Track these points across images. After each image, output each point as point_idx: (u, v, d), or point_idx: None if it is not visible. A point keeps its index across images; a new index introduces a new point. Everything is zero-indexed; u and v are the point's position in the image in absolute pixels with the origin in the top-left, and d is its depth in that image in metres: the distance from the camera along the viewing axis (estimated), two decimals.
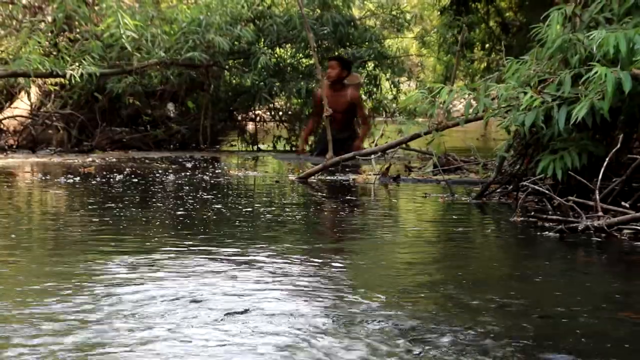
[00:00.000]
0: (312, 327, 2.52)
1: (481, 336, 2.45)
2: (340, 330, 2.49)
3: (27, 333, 2.41)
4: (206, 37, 10.71)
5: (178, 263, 3.48)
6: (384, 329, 2.50)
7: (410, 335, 2.44)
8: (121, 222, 4.77)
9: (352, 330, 2.49)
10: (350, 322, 2.58)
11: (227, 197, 6.11)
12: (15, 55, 10.24)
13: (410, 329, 2.51)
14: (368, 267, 3.56)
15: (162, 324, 2.52)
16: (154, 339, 2.37)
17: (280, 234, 4.48)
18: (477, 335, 2.46)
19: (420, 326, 2.55)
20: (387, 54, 12.60)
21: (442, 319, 2.64)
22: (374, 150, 7.63)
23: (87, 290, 2.95)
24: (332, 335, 2.44)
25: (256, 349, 2.29)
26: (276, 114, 13.14)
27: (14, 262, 3.52)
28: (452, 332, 2.48)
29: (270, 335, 2.42)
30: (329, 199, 6.40)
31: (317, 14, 11.87)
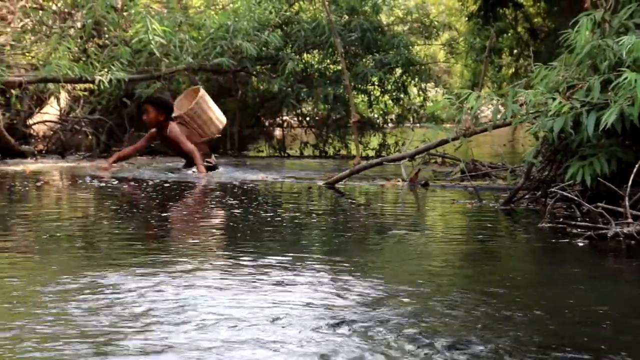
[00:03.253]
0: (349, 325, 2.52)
1: (507, 341, 2.44)
2: (369, 334, 2.48)
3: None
4: (234, 43, 10.73)
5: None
6: (411, 335, 2.49)
7: (441, 341, 2.43)
8: (161, 228, 4.79)
9: (380, 334, 2.48)
10: (379, 325, 2.57)
11: (254, 202, 6.12)
12: (45, 61, 10.31)
13: (439, 334, 2.49)
14: (395, 273, 3.54)
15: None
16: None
17: (308, 239, 4.47)
18: (503, 340, 2.44)
19: (450, 332, 2.53)
20: (414, 60, 12.57)
21: (470, 325, 2.62)
22: (402, 155, 7.61)
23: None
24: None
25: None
26: (303, 120, 13.15)
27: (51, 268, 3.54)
28: (482, 338, 2.47)
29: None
30: (357, 205, 6.39)
31: (345, 20, 11.87)
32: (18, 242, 4.27)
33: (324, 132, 12.64)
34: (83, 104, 11.41)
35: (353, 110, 8.86)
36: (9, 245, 4.13)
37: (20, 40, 11.13)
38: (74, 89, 11.35)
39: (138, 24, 10.29)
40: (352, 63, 11.86)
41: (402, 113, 13.08)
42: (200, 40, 10.99)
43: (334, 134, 12.56)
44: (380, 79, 12.20)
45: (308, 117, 13.09)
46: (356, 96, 12.28)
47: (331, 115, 12.35)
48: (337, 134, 12.51)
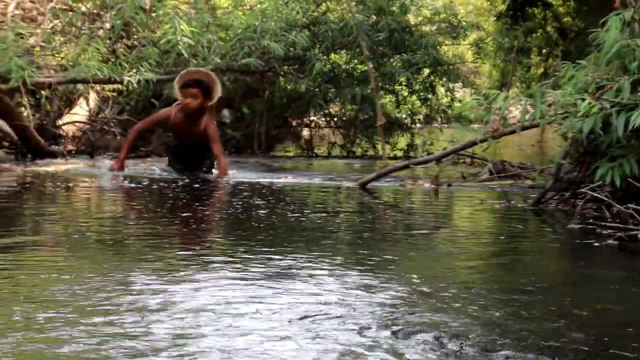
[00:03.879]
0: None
1: (534, 343, 2.42)
2: (395, 335, 2.48)
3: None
4: (261, 43, 10.75)
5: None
6: (437, 335, 2.48)
7: (467, 342, 2.42)
8: (193, 227, 4.81)
9: (405, 334, 2.48)
10: (404, 326, 2.56)
11: (281, 202, 6.13)
12: (74, 61, 10.37)
13: (465, 335, 2.49)
14: (422, 273, 3.53)
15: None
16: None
17: (335, 239, 4.47)
18: (529, 342, 2.43)
19: (476, 333, 2.52)
20: (442, 60, 12.54)
21: (497, 326, 2.61)
22: (430, 158, 7.59)
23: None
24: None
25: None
26: (331, 120, 13.15)
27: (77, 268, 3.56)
28: (508, 340, 2.45)
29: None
30: (384, 206, 6.38)
31: (373, 20, 11.85)
32: (50, 241, 4.30)
33: (351, 133, 12.63)
34: (112, 104, 11.48)
35: (380, 111, 8.84)
36: (40, 244, 4.17)
37: (50, 42, 11.21)
38: (102, 90, 11.43)
39: (166, 25, 10.34)
40: (379, 63, 11.84)
41: (430, 113, 13.05)
42: (228, 41, 11.02)
43: (361, 135, 12.55)
44: (408, 79, 12.18)
45: (335, 118, 13.08)
46: (384, 96, 12.27)
47: (359, 115, 12.34)
48: (364, 134, 12.50)
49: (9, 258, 3.67)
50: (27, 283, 3.17)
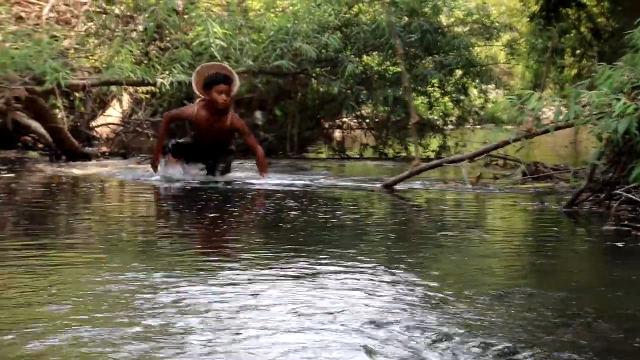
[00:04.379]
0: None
1: (566, 346, 2.40)
2: (424, 337, 2.46)
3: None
4: (294, 46, 10.77)
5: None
6: (468, 338, 2.47)
7: (499, 344, 2.40)
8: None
9: (434, 336, 2.46)
10: (440, 330, 2.55)
11: (313, 204, 6.13)
12: (108, 64, 10.46)
13: (497, 337, 2.47)
14: (454, 275, 3.51)
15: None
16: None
17: (367, 240, 4.46)
18: (560, 345, 2.41)
19: (507, 335, 2.50)
20: (475, 62, 12.49)
21: (528, 328, 2.59)
22: (462, 157, 7.56)
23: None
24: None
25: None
26: (363, 122, 13.14)
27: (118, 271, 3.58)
28: (539, 342, 2.43)
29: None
30: (417, 207, 6.36)
31: (405, 22, 11.83)
32: (87, 241, 4.33)
33: (383, 134, 12.62)
34: (145, 106, 11.56)
35: (413, 112, 8.81)
36: (77, 245, 4.20)
37: (84, 44, 11.31)
38: (136, 92, 11.52)
39: (199, 27, 10.39)
40: (412, 65, 11.82)
41: (463, 115, 13.01)
42: (261, 43, 11.05)
43: (393, 136, 12.53)
44: (441, 81, 12.15)
45: (368, 119, 13.08)
46: (416, 98, 12.24)
47: (391, 117, 12.33)
48: (397, 136, 12.48)
49: (49, 257, 3.70)
50: (70, 282, 3.19)
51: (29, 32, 10.36)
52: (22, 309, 2.76)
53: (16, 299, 2.89)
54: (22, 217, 5.32)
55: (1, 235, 4.52)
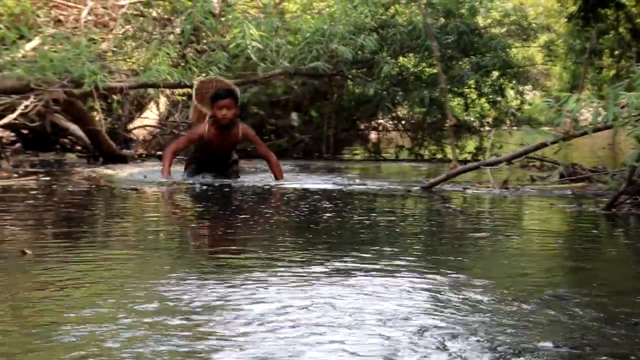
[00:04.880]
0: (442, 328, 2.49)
1: (602, 352, 2.38)
2: (457, 340, 2.45)
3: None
4: (330, 47, 10.77)
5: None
6: (501, 341, 2.45)
7: (532, 347, 2.38)
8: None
9: (469, 339, 2.45)
10: (479, 332, 2.54)
11: (348, 205, 6.12)
12: (145, 66, 10.53)
13: (530, 340, 2.45)
14: (490, 277, 3.49)
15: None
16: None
17: (403, 242, 4.45)
18: (597, 351, 2.38)
19: (540, 338, 2.48)
20: (512, 62, 12.42)
21: (562, 332, 2.56)
22: (500, 159, 7.52)
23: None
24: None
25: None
26: (399, 123, 13.12)
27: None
28: (574, 347, 2.41)
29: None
30: (453, 209, 6.33)
31: (442, 23, 11.79)
32: (124, 242, 4.37)
33: (419, 136, 12.59)
34: (181, 108, 11.62)
35: (449, 114, 8.77)
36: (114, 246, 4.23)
37: (122, 47, 11.39)
38: (172, 94, 11.58)
39: (235, 29, 10.43)
40: (448, 66, 11.78)
41: (499, 116, 12.94)
42: (297, 45, 11.07)
43: (429, 138, 12.50)
44: (477, 82, 12.09)
45: (404, 121, 13.06)
46: (452, 99, 12.20)
47: (427, 118, 12.29)
48: (432, 137, 12.45)
49: (88, 256, 3.74)
50: (112, 282, 3.22)
51: (67, 35, 10.45)
52: (70, 307, 2.78)
53: (60, 298, 2.92)
54: (56, 218, 5.38)
55: (41, 235, 4.57)
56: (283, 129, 12.38)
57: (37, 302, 2.86)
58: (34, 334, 2.44)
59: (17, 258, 3.70)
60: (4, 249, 4.01)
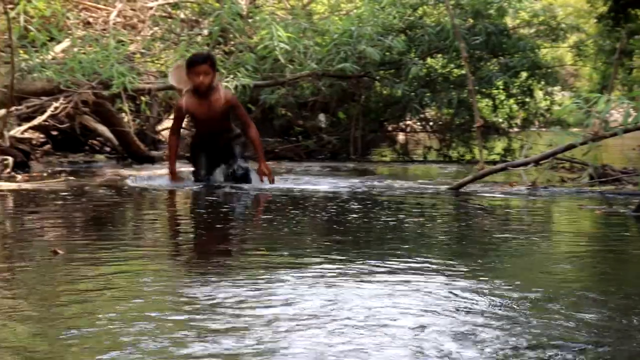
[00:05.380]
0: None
1: (633, 354, 2.35)
2: (484, 343, 2.43)
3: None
4: (357, 48, 10.75)
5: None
6: (531, 345, 2.43)
7: (562, 351, 2.36)
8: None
9: (498, 342, 2.43)
10: (509, 336, 2.52)
11: (376, 207, 6.11)
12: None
13: (559, 344, 2.43)
14: (518, 279, 3.46)
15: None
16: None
17: (431, 243, 4.44)
18: (627, 353, 2.36)
19: (567, 340, 2.46)
20: (541, 63, 12.35)
21: (590, 336, 2.54)
22: (528, 160, 7.47)
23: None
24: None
25: None
26: (427, 124, 13.08)
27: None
28: (602, 351, 2.39)
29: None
30: (481, 210, 6.30)
31: (470, 24, 11.74)
32: (151, 245, 4.39)
33: (447, 137, 12.54)
34: None
35: (477, 115, 8.73)
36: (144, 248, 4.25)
37: (150, 48, 11.45)
38: None
39: (263, 30, 10.44)
40: (476, 67, 11.73)
41: (528, 117, 12.86)
42: (324, 46, 11.06)
43: (457, 139, 12.45)
44: (505, 83, 12.03)
45: (431, 122, 13.02)
46: (480, 100, 12.15)
47: (455, 119, 12.25)
48: (460, 138, 12.40)
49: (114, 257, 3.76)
50: (149, 283, 3.23)
51: (96, 37, 10.53)
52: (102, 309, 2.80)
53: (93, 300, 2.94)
54: (85, 219, 5.42)
55: (71, 235, 4.60)
56: (311, 131, 12.39)
57: (68, 304, 2.87)
58: (64, 338, 2.45)
59: (48, 258, 3.72)
60: (35, 249, 4.04)
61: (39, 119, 9.13)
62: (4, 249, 4.14)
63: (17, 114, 8.95)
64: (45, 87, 9.43)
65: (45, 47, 10.05)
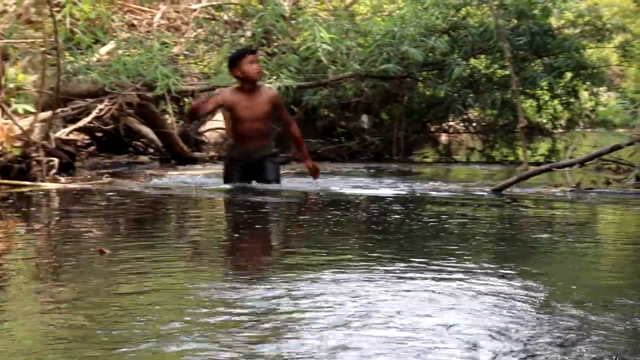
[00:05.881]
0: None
1: None
2: (527, 348, 2.41)
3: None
4: (400, 49, 10.73)
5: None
6: (578, 351, 2.41)
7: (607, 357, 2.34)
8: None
9: (541, 346, 2.41)
10: (540, 337, 2.50)
11: (418, 208, 6.09)
12: (216, 69, 10.62)
13: (604, 350, 2.40)
14: (563, 283, 3.43)
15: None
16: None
17: (474, 245, 4.41)
18: None
19: (614, 348, 2.44)
20: (586, 63, 12.22)
21: (635, 342, 2.51)
22: (572, 162, 7.40)
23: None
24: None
25: None
26: (470, 125, 13.02)
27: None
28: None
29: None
30: (526, 212, 6.25)
31: (514, 24, 11.66)
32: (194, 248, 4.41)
33: (491, 138, 12.47)
34: None
35: (521, 116, 8.66)
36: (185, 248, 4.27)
37: (193, 50, 11.53)
38: None
39: (306, 32, 10.46)
40: (520, 67, 11.64)
41: (572, 118, 12.75)
42: (367, 47, 11.05)
43: (501, 140, 12.37)
44: (550, 83, 11.92)
45: (475, 123, 12.96)
46: (524, 101, 12.06)
47: (498, 120, 12.18)
48: (504, 139, 12.32)
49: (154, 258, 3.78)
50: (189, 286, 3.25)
51: (140, 39, 10.62)
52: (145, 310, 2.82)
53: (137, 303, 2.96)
54: (129, 219, 5.46)
55: (115, 236, 4.64)
56: (353, 132, 12.39)
57: (113, 306, 2.90)
58: (109, 341, 2.47)
59: (93, 257, 3.76)
60: (81, 248, 4.08)
61: (84, 120, 9.21)
62: (50, 248, 4.19)
63: (63, 115, 9.04)
64: (90, 89, 9.53)
65: (91, 50, 10.15)
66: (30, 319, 2.69)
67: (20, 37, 10.23)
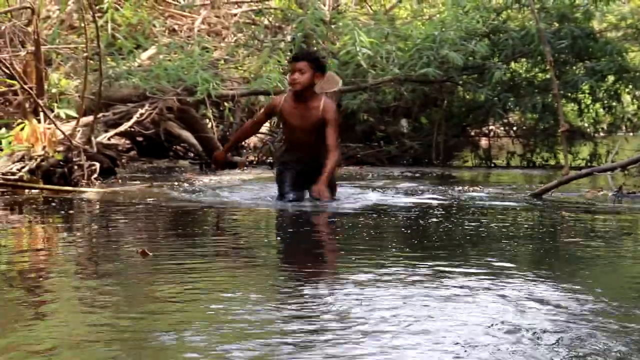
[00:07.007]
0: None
1: None
2: (556, 350, 2.40)
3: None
4: (440, 53, 10.70)
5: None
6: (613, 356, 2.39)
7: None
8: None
9: (574, 351, 2.40)
10: (590, 341, 2.48)
11: (459, 212, 6.07)
12: (256, 74, 10.67)
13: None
14: (605, 288, 3.40)
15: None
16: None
17: (513, 250, 4.38)
18: None
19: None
20: (628, 67, 12.10)
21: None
22: (614, 165, 7.33)
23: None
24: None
25: None
26: (510, 129, 12.95)
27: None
28: None
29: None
30: (567, 217, 6.20)
31: (555, 28, 11.58)
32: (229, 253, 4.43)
33: (531, 142, 12.39)
34: None
35: (562, 119, 8.60)
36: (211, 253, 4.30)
37: (234, 55, 11.59)
38: None
39: (346, 36, 10.48)
40: (561, 71, 11.56)
41: (614, 122, 12.64)
42: (407, 51, 11.05)
43: (541, 144, 12.29)
44: (592, 87, 11.82)
45: (515, 127, 12.88)
46: (565, 105, 11.97)
47: (539, 124, 12.10)
48: (545, 143, 12.24)
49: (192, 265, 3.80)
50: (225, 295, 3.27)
51: (181, 44, 10.70)
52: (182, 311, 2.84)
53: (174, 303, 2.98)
54: (168, 223, 5.50)
55: (155, 239, 4.68)
56: (393, 136, 12.38)
57: (155, 311, 2.92)
58: (151, 346, 2.49)
59: (135, 259, 3.79)
60: (122, 251, 4.12)
61: (125, 125, 9.30)
62: (92, 251, 4.23)
63: (104, 120, 9.13)
64: (131, 94, 9.62)
65: (132, 55, 10.25)
66: (76, 317, 2.72)
67: (63, 42, 10.37)
